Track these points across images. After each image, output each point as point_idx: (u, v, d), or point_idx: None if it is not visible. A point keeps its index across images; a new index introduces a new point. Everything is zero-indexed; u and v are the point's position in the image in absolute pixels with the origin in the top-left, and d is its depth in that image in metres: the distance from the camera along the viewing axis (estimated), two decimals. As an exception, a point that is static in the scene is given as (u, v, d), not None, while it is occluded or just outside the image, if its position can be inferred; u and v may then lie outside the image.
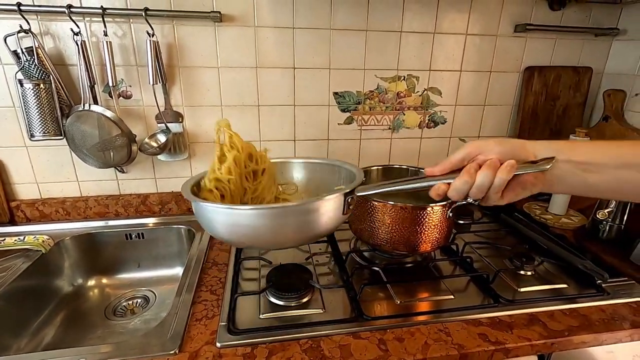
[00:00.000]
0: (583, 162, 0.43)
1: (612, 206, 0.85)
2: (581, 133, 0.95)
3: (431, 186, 0.47)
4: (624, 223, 0.86)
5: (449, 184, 0.46)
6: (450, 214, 0.73)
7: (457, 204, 0.73)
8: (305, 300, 0.68)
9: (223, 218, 0.52)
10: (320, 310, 0.65)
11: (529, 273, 0.76)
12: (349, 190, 0.52)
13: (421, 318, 0.64)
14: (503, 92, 1.10)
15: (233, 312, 0.64)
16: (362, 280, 0.74)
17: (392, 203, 0.72)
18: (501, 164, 0.44)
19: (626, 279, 0.74)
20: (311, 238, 0.56)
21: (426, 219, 0.71)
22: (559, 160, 0.43)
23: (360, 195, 0.52)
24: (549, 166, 0.42)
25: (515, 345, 0.58)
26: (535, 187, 0.45)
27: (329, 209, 0.52)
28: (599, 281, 0.72)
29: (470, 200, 0.46)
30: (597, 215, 0.86)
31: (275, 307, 0.66)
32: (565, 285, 0.73)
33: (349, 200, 0.53)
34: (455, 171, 0.46)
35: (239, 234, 0.53)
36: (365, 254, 0.85)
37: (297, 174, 0.77)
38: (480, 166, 0.44)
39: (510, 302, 0.67)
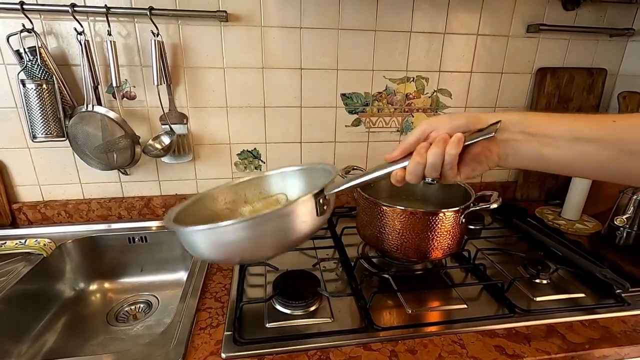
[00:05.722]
0: (537, 133, 0.41)
1: (630, 212, 0.82)
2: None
3: (391, 173, 0.46)
4: (642, 230, 0.83)
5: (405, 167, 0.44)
6: (464, 220, 0.70)
7: (470, 209, 0.70)
8: (313, 308, 0.65)
9: (203, 238, 0.51)
10: (328, 320, 0.63)
11: (545, 281, 0.74)
12: (317, 190, 0.51)
13: (434, 328, 0.61)
14: (514, 94, 1.08)
15: (238, 320, 0.61)
16: (371, 287, 0.71)
17: (402, 208, 0.69)
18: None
19: (647, 288, 0.71)
20: (290, 244, 0.55)
21: (438, 225, 0.69)
22: (514, 132, 0.42)
23: (330, 194, 0.51)
24: (495, 132, 0.40)
25: (533, 359, 0.55)
26: (490, 160, 0.44)
27: (300, 213, 0.50)
28: (618, 290, 0.69)
29: (428, 180, 0.44)
30: (615, 222, 0.83)
31: (282, 316, 0.64)
32: (582, 295, 0.70)
33: (321, 201, 0.51)
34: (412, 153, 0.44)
35: (220, 251, 0.52)
36: (374, 260, 0.82)
37: (282, 184, 0.73)
38: (431, 144, 0.43)
39: (526, 312, 0.65)
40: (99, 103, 0.84)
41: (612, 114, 0.58)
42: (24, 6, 0.75)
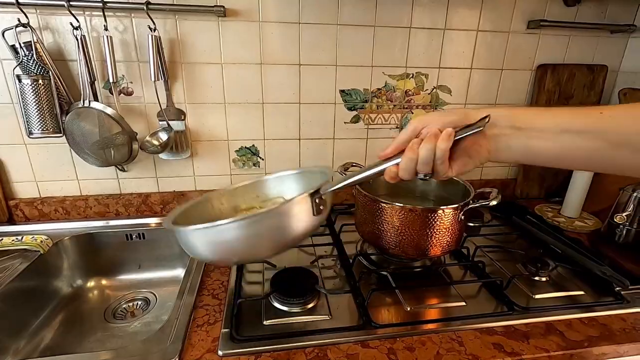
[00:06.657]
0: (524, 127, 0.43)
1: (629, 210, 0.82)
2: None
3: (385, 170, 0.47)
4: (642, 227, 0.83)
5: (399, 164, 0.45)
6: (463, 217, 0.70)
7: (470, 206, 0.70)
8: (310, 306, 0.65)
9: (201, 238, 0.52)
10: (326, 317, 0.62)
11: (544, 279, 0.73)
12: (312, 190, 0.51)
13: (432, 326, 0.61)
14: (514, 90, 1.07)
15: (236, 317, 0.61)
16: (369, 285, 0.71)
17: (401, 205, 0.69)
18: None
19: (646, 286, 0.71)
20: (288, 244, 0.55)
21: (437, 222, 0.69)
22: (503, 126, 0.43)
23: (326, 193, 0.51)
24: (484, 126, 0.42)
25: (532, 357, 0.55)
26: (481, 155, 0.45)
27: (297, 212, 0.51)
28: (617, 288, 0.69)
29: (420, 176, 0.46)
30: (615, 219, 0.82)
31: (279, 313, 0.63)
32: (581, 292, 0.70)
33: (317, 200, 0.51)
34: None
35: (217, 251, 0.53)
36: (373, 257, 0.82)
37: (280, 188, 0.73)
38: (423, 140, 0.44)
39: (525, 309, 0.64)
40: (96, 99, 0.83)
41: (600, 106, 0.59)
42: (20, 0, 0.74)
